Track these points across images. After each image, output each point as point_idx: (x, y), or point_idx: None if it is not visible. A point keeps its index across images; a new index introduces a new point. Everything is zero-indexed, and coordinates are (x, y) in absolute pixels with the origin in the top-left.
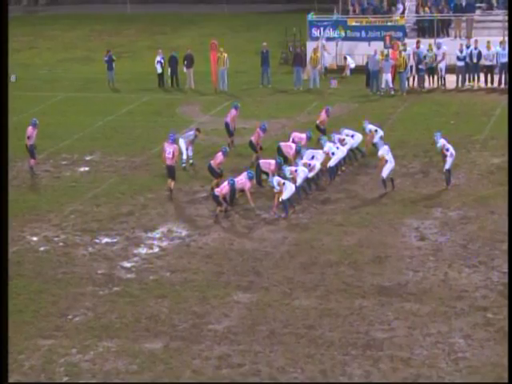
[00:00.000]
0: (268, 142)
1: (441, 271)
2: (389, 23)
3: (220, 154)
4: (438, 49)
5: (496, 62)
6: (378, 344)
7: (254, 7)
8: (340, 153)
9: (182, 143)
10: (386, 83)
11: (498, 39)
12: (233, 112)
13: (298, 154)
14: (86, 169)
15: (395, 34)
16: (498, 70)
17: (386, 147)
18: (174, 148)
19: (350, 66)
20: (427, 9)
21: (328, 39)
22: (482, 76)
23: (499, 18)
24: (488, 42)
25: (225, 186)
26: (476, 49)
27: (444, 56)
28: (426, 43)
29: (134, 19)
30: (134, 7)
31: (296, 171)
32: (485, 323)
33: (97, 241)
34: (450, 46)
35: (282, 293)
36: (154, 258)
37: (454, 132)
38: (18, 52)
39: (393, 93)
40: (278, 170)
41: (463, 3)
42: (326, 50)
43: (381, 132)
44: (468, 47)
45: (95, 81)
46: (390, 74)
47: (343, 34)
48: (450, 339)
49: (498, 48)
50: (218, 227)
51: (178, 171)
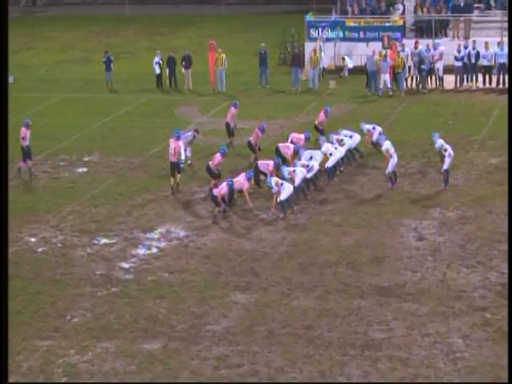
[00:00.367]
0: (266, 142)
1: (439, 271)
2: (387, 24)
3: (218, 154)
4: (435, 49)
5: (494, 62)
6: (377, 344)
7: (253, 8)
8: (338, 153)
9: (181, 144)
10: (385, 84)
11: (496, 40)
12: (232, 110)
13: (297, 154)
14: (84, 170)
15: (393, 34)
16: (496, 70)
17: (388, 142)
18: (176, 145)
19: (348, 67)
20: (425, 9)
21: (326, 40)
22: (480, 76)
23: (497, 19)
24: (486, 43)
25: (223, 187)
26: (474, 49)
27: (441, 56)
28: (424, 44)
29: (132, 20)
30: (132, 8)
31: (294, 172)
32: (483, 323)
33: (95, 242)
34: (449, 47)
35: (280, 293)
36: (153, 258)
37: (452, 132)
38: (15, 53)
39: (391, 93)
40: (277, 171)
41: (461, 4)
42: (322, 54)
43: (379, 128)
44: (466, 48)
45: (93, 82)
46: (388, 75)
47: (341, 35)
48: (449, 339)
49: (496, 48)
50: (216, 228)
51: None
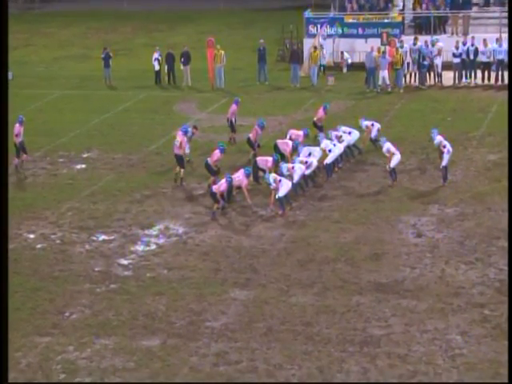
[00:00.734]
0: (265, 139)
1: (438, 268)
2: (386, 20)
3: (217, 151)
4: (433, 46)
5: (493, 58)
6: (375, 341)
7: (251, 4)
8: (337, 150)
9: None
10: (383, 80)
11: (495, 36)
12: (233, 107)
13: (295, 151)
14: (83, 166)
15: (392, 30)
16: (494, 66)
17: (389, 143)
18: (182, 139)
19: (348, 63)
20: (424, 5)
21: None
22: (479, 73)
23: (496, 15)
24: (485, 39)
25: (222, 183)
26: (473, 46)
27: (439, 52)
28: (422, 40)
29: (130, 16)
30: (130, 4)
31: (293, 168)
32: (482, 320)
33: (94, 238)
34: (447, 43)
35: (279, 290)
36: (151, 255)
37: (450, 129)
38: (14, 49)
39: (389, 90)
40: (275, 167)
41: (460, 0)
42: (324, 50)
43: (377, 125)
44: (465, 44)
45: (92, 78)
46: (386, 71)
47: (340, 31)
48: (447, 336)
49: (495, 45)
50: (215, 224)
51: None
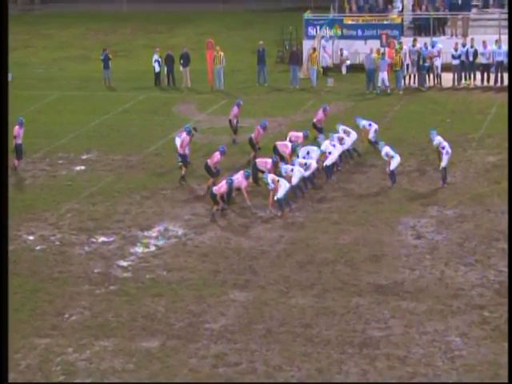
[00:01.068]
0: (264, 140)
1: (437, 269)
2: (385, 22)
3: (217, 153)
4: (433, 47)
5: (492, 60)
6: (375, 342)
7: (250, 5)
8: (336, 152)
9: (178, 142)
10: (383, 82)
11: (494, 38)
12: (235, 109)
13: (294, 152)
14: (82, 167)
15: (391, 32)
16: (493, 68)
17: (387, 147)
18: (183, 138)
19: (347, 64)
20: (423, 7)
21: (323, 37)
22: (478, 74)
23: (495, 17)
24: (484, 41)
25: (223, 185)
26: (472, 47)
27: (439, 54)
28: (421, 42)
29: (130, 18)
30: (130, 6)
31: (292, 170)
32: (481, 321)
33: (93, 239)
34: (446, 45)
35: (278, 291)
36: (151, 256)
37: (450, 130)
38: (13, 51)
39: (389, 91)
40: (275, 169)
41: (459, 1)
42: (326, 52)
43: (375, 125)
44: (464, 46)
45: (91, 79)
46: (386, 73)
47: (339, 33)
48: (447, 337)
49: (494, 46)
50: (214, 226)
51: (173, 171)
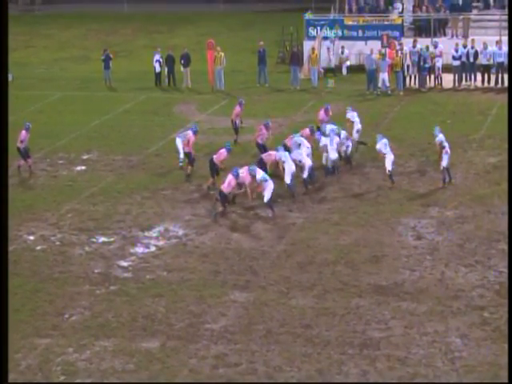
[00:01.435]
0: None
1: (437, 270)
2: (386, 22)
3: (224, 150)
4: (435, 48)
5: (492, 61)
6: (375, 343)
7: (251, 6)
8: (333, 152)
9: (179, 142)
10: (383, 82)
11: (495, 39)
12: (237, 108)
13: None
14: (83, 168)
15: (392, 33)
16: (494, 69)
17: (385, 140)
18: (190, 136)
19: (347, 64)
20: (424, 8)
21: (326, 38)
22: (479, 75)
23: (496, 18)
24: (484, 42)
25: (231, 180)
26: (473, 48)
27: (441, 54)
28: (422, 43)
29: (130, 18)
30: (130, 6)
31: (283, 169)
32: (481, 322)
33: (93, 240)
34: (447, 46)
35: (278, 292)
36: (151, 257)
37: (450, 131)
38: (14, 51)
39: (389, 92)
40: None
41: (460, 2)
42: (331, 54)
43: (358, 126)
44: (465, 47)
45: (92, 80)
46: (386, 73)
47: (340, 33)
48: (447, 338)
49: (495, 47)
50: (214, 226)
51: (174, 171)
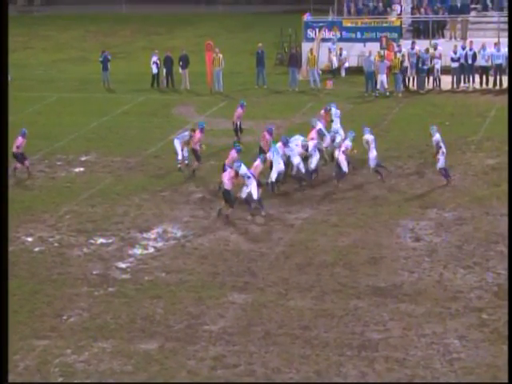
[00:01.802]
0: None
1: (436, 272)
2: (384, 24)
3: (233, 151)
4: (435, 49)
5: (491, 63)
6: (373, 345)
7: (250, 8)
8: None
9: (178, 144)
10: (382, 84)
11: (493, 40)
12: (238, 110)
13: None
14: (81, 169)
15: (390, 34)
16: (492, 71)
17: (371, 137)
18: (197, 133)
19: (345, 65)
20: (422, 10)
21: (327, 40)
22: (477, 77)
23: (494, 20)
24: (483, 44)
25: (258, 165)
26: (471, 50)
27: (440, 56)
28: (421, 44)
29: (129, 20)
30: (129, 7)
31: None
32: (480, 324)
33: (92, 241)
34: (446, 48)
35: (277, 293)
36: (149, 258)
37: (448, 133)
38: (12, 52)
39: (388, 94)
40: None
41: (458, 4)
42: (333, 55)
43: (320, 125)
44: (463, 48)
45: (90, 81)
46: (385, 75)
47: (338, 35)
48: (445, 340)
49: (493, 49)
50: (213, 228)
51: (172, 173)
